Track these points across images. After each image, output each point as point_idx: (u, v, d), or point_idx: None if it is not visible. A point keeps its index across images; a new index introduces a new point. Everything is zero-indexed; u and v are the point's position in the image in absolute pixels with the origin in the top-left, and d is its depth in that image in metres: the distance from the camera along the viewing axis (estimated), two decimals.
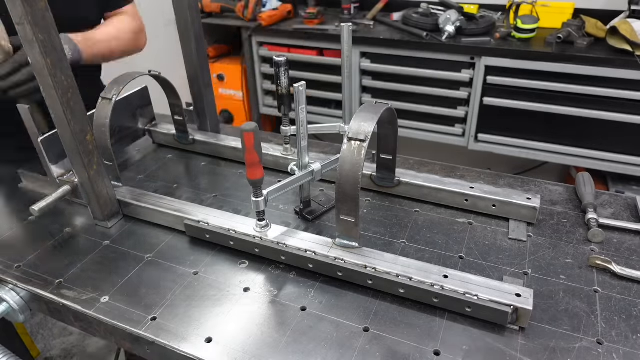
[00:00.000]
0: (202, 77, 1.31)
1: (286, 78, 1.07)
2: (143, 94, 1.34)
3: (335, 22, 2.85)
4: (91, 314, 0.85)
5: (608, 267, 0.88)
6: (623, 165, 2.34)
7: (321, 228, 1.04)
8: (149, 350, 0.81)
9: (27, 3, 0.76)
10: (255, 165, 0.85)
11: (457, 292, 0.79)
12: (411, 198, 1.12)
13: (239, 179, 1.24)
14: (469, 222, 1.04)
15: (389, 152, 1.07)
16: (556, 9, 2.52)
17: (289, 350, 0.76)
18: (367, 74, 2.77)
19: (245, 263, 0.95)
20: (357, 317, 0.82)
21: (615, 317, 0.80)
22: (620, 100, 2.20)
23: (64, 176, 1.10)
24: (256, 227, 0.94)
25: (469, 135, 2.62)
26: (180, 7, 1.21)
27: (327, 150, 1.33)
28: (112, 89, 1.07)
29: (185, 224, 0.99)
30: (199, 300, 0.86)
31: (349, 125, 0.84)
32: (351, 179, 0.81)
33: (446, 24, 2.43)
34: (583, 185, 1.09)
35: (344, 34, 1.01)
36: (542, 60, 2.27)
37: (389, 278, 0.83)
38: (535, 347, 0.75)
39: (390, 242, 0.99)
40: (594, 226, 0.97)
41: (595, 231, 0.96)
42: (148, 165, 1.32)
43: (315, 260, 0.89)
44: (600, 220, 0.99)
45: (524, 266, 0.91)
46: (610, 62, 2.15)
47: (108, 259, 0.97)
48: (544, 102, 2.35)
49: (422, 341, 0.77)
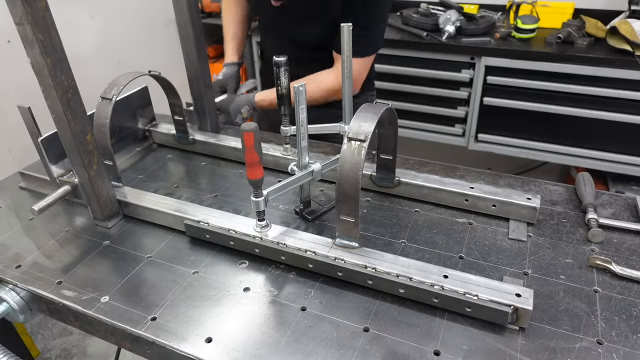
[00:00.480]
0: (202, 77, 1.31)
1: (286, 78, 1.07)
2: (143, 94, 1.34)
3: None
4: (91, 314, 0.85)
5: (608, 267, 0.88)
6: (623, 165, 2.34)
7: (321, 228, 1.04)
8: (149, 350, 0.81)
9: (27, 3, 0.76)
10: (256, 165, 0.85)
11: (457, 292, 0.79)
12: (411, 198, 1.12)
13: (239, 179, 1.24)
14: (469, 222, 1.04)
15: (389, 152, 1.07)
16: (556, 9, 2.52)
17: (289, 350, 0.76)
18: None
19: (245, 263, 0.95)
20: (357, 317, 0.82)
21: (615, 317, 0.80)
22: (620, 100, 2.20)
23: (63, 176, 1.10)
24: (256, 227, 0.94)
25: (469, 135, 2.62)
26: (180, 7, 1.21)
27: (327, 150, 1.33)
28: (112, 89, 1.07)
29: (186, 224, 0.99)
30: (199, 300, 0.86)
31: (349, 125, 0.84)
32: (351, 179, 0.81)
33: (446, 24, 2.43)
34: (583, 185, 1.09)
35: (344, 34, 1.01)
36: (542, 60, 2.27)
37: (389, 278, 0.83)
38: (535, 347, 0.75)
39: (390, 242, 0.99)
40: (594, 226, 0.97)
41: (595, 231, 0.96)
42: (148, 165, 1.32)
43: (316, 260, 0.89)
44: (600, 220, 0.99)
45: (524, 266, 0.91)
46: (610, 62, 2.14)
47: (108, 259, 0.97)
48: (544, 102, 2.35)
49: (422, 341, 0.77)
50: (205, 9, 3.11)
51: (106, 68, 2.52)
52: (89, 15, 2.46)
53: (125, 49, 2.67)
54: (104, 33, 2.54)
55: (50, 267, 0.96)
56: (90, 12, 2.46)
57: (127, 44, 2.68)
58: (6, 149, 2.14)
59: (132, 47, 2.73)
